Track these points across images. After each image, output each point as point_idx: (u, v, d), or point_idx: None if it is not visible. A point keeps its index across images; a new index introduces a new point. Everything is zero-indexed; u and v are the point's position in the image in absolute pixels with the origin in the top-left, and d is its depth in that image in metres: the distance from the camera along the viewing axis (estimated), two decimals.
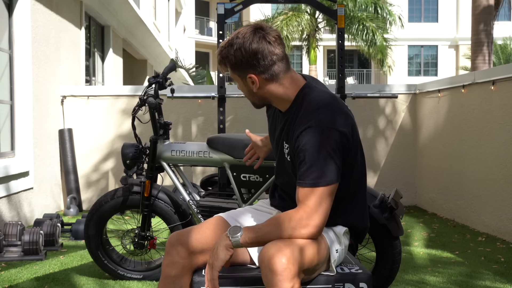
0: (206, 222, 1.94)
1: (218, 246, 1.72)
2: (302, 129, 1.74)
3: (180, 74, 17.77)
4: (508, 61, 23.74)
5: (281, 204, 1.98)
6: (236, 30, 1.83)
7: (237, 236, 1.69)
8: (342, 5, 4.58)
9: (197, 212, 3.24)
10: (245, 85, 1.83)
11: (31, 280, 3.39)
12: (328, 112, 1.76)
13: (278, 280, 1.59)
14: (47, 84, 5.95)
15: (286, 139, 1.85)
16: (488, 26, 9.60)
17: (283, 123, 1.87)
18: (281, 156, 1.91)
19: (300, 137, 1.73)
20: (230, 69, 1.81)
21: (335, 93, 4.57)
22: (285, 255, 1.60)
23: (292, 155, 1.81)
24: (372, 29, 16.96)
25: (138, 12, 10.60)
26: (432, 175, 6.08)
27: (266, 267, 1.61)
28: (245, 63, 1.77)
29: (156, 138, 3.26)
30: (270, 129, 2.03)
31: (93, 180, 6.49)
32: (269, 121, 2.03)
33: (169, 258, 1.86)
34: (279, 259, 1.59)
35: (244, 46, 1.75)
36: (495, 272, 3.59)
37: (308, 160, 1.71)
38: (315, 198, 1.69)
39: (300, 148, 1.73)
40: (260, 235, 1.70)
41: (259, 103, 1.89)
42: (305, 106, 1.79)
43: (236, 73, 1.82)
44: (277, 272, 1.59)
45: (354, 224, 1.92)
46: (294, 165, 1.80)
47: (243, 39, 1.75)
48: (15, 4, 5.37)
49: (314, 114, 1.75)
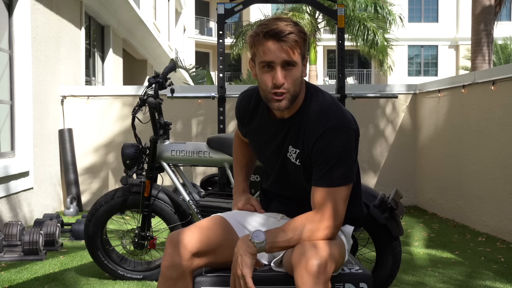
0: (206, 222, 1.89)
1: (243, 254, 1.69)
2: (321, 131, 1.73)
3: (180, 74, 17.76)
4: (508, 61, 23.73)
5: (285, 209, 1.97)
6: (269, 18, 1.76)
7: (262, 241, 1.69)
8: (342, 5, 4.58)
9: (197, 212, 3.24)
10: (300, 70, 1.74)
11: (31, 280, 3.39)
12: (341, 113, 1.78)
13: (314, 282, 1.60)
14: (47, 84, 5.95)
15: (293, 143, 1.82)
16: (488, 26, 9.59)
17: (285, 129, 1.83)
18: (283, 161, 1.88)
19: (320, 139, 1.73)
20: (301, 46, 1.70)
21: (335, 93, 4.58)
22: (322, 258, 1.63)
23: (305, 158, 1.80)
24: (373, 30, 16.94)
25: (138, 12, 10.60)
26: (432, 175, 6.08)
27: (303, 267, 1.62)
28: (307, 42, 1.75)
29: (156, 138, 3.26)
30: (259, 139, 1.94)
31: (93, 180, 6.49)
32: (254, 132, 1.96)
33: (169, 259, 1.79)
34: (317, 262, 1.61)
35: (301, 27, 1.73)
36: (495, 272, 3.59)
37: (331, 161, 1.72)
38: (337, 199, 1.72)
39: (321, 150, 1.73)
40: (285, 240, 1.71)
41: (296, 97, 1.77)
42: (317, 109, 1.78)
43: (302, 50, 1.72)
44: (314, 275, 1.60)
45: (358, 215, 1.95)
46: (306, 168, 1.80)
47: (293, 21, 1.73)
48: (15, 4, 5.37)
49: (330, 116, 1.75)
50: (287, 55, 1.68)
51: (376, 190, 2.84)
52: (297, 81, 1.73)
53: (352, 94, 4.73)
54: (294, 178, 1.88)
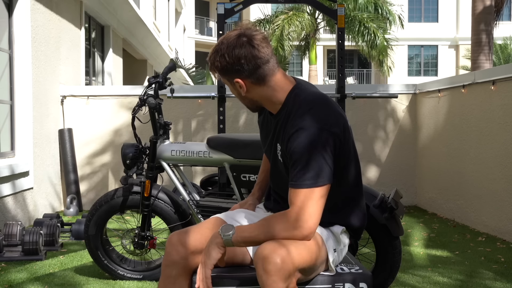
0: (205, 222, 1.94)
1: (210, 244, 1.73)
2: (293, 130, 1.73)
3: (180, 74, 17.77)
4: (508, 61, 23.74)
5: (276, 207, 1.98)
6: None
7: (229, 234, 1.70)
8: (342, 5, 4.58)
9: (197, 212, 3.24)
10: (235, 89, 1.86)
11: (31, 280, 3.39)
12: (320, 113, 1.75)
13: (272, 280, 1.59)
14: (47, 84, 5.95)
15: (278, 140, 1.85)
16: (488, 26, 9.58)
17: (274, 125, 1.88)
18: (275, 158, 1.91)
19: (292, 138, 1.73)
20: (219, 75, 1.85)
21: (335, 93, 4.58)
22: (279, 255, 1.60)
23: (284, 157, 1.82)
24: (373, 30, 16.94)
25: (138, 12, 10.59)
26: (432, 175, 6.08)
27: (260, 267, 1.61)
28: (230, 68, 1.79)
29: (156, 138, 3.26)
30: (262, 135, 2.04)
31: (93, 180, 6.49)
32: (261, 128, 2.04)
33: (169, 258, 1.86)
34: (273, 260, 1.59)
35: (227, 52, 1.76)
36: (495, 272, 3.59)
37: (301, 161, 1.71)
38: (307, 200, 1.69)
39: (292, 149, 1.73)
40: (253, 235, 1.71)
41: (251, 106, 1.91)
42: (296, 107, 1.79)
43: (225, 78, 1.85)
44: (271, 273, 1.59)
45: (351, 223, 1.92)
46: (287, 166, 1.81)
47: (227, 45, 1.77)
48: (15, 4, 5.37)
49: (306, 115, 1.75)
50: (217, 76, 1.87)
51: (376, 190, 2.84)
52: (237, 97, 1.90)
53: (352, 94, 4.73)
54: (281, 175, 1.90)
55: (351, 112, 6.40)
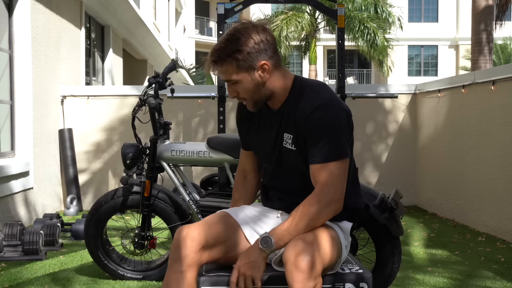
0: (212, 217, 1.92)
1: (256, 259, 1.75)
2: (312, 109, 1.79)
3: (180, 74, 17.77)
4: (508, 61, 23.73)
5: (284, 205, 1.98)
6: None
7: (271, 245, 1.75)
8: (342, 5, 4.59)
9: (197, 212, 3.24)
10: (253, 79, 1.81)
11: (31, 280, 3.39)
12: (331, 94, 1.85)
13: (303, 277, 1.63)
14: (47, 84, 5.95)
15: (286, 129, 1.88)
16: (488, 26, 9.59)
17: (279, 118, 1.89)
18: (280, 152, 1.91)
19: (310, 117, 1.79)
20: (237, 66, 1.78)
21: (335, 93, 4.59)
22: (310, 254, 1.66)
23: (300, 140, 1.85)
24: (373, 30, 16.94)
25: (138, 12, 10.59)
26: (432, 175, 6.08)
27: (292, 264, 1.65)
28: (257, 49, 1.78)
29: (156, 138, 3.26)
30: (249, 137, 2.03)
31: (93, 180, 6.49)
32: (247, 135, 2.04)
33: (178, 252, 1.81)
34: (305, 258, 1.64)
35: (251, 35, 1.77)
36: (495, 272, 3.59)
37: (323, 137, 1.78)
38: (334, 173, 1.77)
39: (314, 125, 1.79)
40: (293, 235, 1.76)
41: (263, 98, 1.87)
42: (307, 90, 1.85)
43: (245, 65, 1.78)
44: (303, 270, 1.63)
45: (357, 206, 1.97)
46: (302, 152, 1.85)
47: (245, 30, 1.78)
48: (15, 4, 5.37)
49: (320, 95, 1.83)
50: (224, 76, 1.82)
51: (376, 190, 2.84)
52: (249, 90, 1.83)
53: (352, 94, 4.74)
54: (293, 167, 1.91)
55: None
